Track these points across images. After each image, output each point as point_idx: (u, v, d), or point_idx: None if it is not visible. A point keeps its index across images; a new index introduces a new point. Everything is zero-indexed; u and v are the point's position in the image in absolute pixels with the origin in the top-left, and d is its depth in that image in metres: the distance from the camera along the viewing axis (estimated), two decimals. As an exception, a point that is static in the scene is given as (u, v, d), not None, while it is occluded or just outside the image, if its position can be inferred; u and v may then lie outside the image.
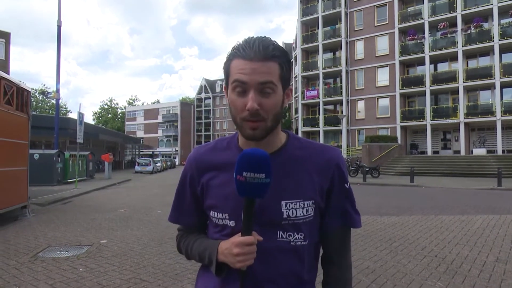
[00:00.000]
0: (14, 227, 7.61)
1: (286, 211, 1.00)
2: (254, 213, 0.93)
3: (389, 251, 5.62)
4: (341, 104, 34.64)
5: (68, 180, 18.62)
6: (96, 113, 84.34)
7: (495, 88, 27.14)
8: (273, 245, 1.00)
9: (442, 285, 4.14)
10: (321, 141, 35.34)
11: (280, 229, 1.01)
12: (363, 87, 34.07)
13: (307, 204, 1.01)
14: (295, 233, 1.02)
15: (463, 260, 5.12)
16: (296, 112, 40.02)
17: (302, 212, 1.01)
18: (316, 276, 1.11)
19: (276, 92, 0.95)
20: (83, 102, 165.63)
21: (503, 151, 26.71)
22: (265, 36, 0.97)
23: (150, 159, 37.02)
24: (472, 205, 10.64)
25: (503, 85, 27.03)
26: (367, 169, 22.12)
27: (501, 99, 27.04)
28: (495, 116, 26.79)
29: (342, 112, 31.69)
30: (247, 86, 0.93)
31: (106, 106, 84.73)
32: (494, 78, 26.93)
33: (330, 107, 36.95)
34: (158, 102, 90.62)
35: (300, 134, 37.11)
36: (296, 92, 39.05)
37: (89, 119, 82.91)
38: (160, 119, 78.88)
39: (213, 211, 1.05)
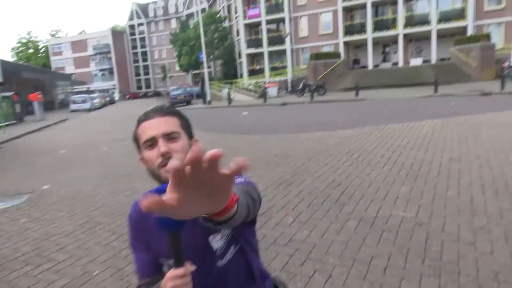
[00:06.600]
0: None
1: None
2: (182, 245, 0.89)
3: (351, 162, 5.64)
4: (284, 22, 33.46)
5: (-6, 126, 16.67)
6: (14, 48, 74.75)
7: (432, -3, 27.48)
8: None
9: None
10: (266, 62, 34.59)
11: None
12: (305, 3, 32.85)
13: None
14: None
15: (421, 163, 5.26)
16: (238, 34, 38.17)
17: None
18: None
19: (181, 138, 1.02)
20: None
21: (437, 60, 28.01)
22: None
23: (87, 95, 34.28)
24: (416, 112, 11.10)
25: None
26: (314, 87, 22.23)
27: (437, 7, 27.58)
28: (431, 26, 27.54)
29: (285, 31, 30.65)
30: (156, 139, 1.00)
31: (24, 40, 75.16)
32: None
33: (273, 26, 35.58)
34: (85, 32, 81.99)
35: (244, 57, 35.93)
36: (236, 12, 36.85)
37: (7, 56, 73.45)
38: (90, 51, 72.04)
39: (160, 257, 1.07)
